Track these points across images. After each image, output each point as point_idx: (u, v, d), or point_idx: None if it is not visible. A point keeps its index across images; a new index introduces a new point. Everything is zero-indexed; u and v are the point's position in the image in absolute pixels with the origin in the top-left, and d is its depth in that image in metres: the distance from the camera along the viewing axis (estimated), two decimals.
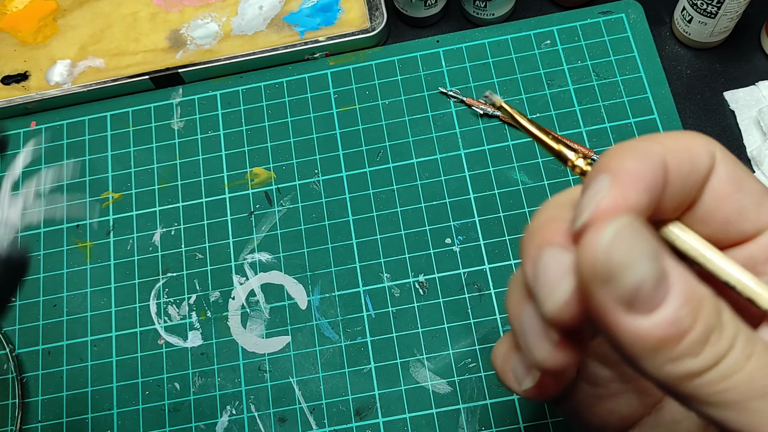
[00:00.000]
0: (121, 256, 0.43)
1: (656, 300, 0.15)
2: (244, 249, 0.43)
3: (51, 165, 0.46)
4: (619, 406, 0.22)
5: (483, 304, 0.40)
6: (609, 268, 0.15)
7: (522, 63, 0.45)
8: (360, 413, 0.38)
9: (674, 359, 0.16)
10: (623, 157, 0.17)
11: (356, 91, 0.46)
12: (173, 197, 0.44)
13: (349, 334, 0.40)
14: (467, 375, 0.39)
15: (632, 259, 0.15)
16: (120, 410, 0.40)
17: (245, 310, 0.41)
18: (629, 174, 0.17)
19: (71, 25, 0.49)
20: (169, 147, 0.46)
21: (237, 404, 0.39)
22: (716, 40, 0.44)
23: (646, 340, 0.15)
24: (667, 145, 0.18)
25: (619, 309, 0.15)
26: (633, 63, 0.44)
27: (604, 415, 0.23)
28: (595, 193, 0.17)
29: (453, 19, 0.48)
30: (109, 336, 0.42)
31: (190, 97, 0.47)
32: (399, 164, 0.44)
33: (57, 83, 0.48)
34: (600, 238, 0.15)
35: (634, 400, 0.22)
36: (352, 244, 0.42)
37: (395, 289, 0.41)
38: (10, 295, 0.27)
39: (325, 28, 0.47)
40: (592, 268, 0.16)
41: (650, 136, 0.18)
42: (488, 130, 0.44)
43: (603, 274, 0.15)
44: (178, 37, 0.48)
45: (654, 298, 0.15)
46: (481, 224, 0.42)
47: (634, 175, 0.17)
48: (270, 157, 0.45)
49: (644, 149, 0.18)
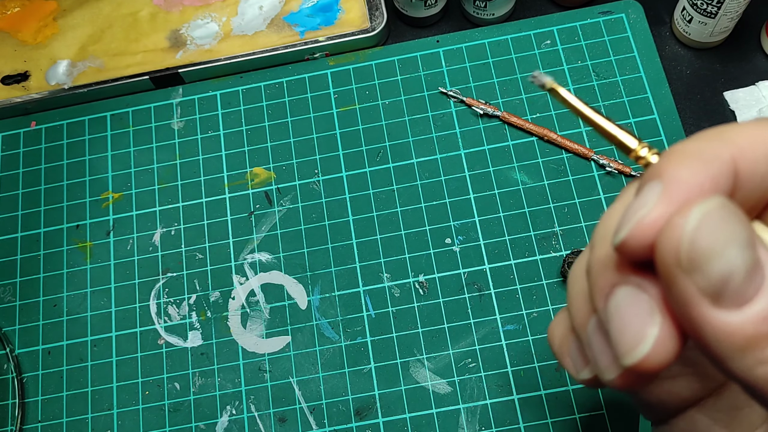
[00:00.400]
0: (121, 256, 0.43)
1: (748, 293, 0.14)
2: (244, 249, 0.43)
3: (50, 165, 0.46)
4: (678, 388, 0.21)
5: (483, 304, 0.40)
6: (695, 255, 0.14)
7: (522, 63, 0.45)
8: (360, 413, 0.38)
9: (765, 361, 0.14)
10: (680, 165, 0.15)
11: (356, 91, 0.46)
12: (173, 197, 0.44)
13: (349, 334, 0.40)
14: (467, 375, 0.39)
15: (721, 245, 0.14)
16: (120, 410, 0.40)
17: (245, 310, 0.41)
18: (682, 187, 0.15)
19: (71, 25, 0.49)
20: (169, 147, 0.46)
21: (237, 404, 0.39)
22: (716, 40, 0.44)
23: (735, 338, 0.14)
24: (738, 144, 0.16)
25: (705, 302, 0.14)
26: (633, 63, 0.44)
27: (662, 396, 0.22)
28: (641, 206, 0.15)
29: (453, 19, 0.48)
30: (109, 336, 0.42)
31: (190, 97, 0.47)
32: (399, 164, 0.44)
33: (57, 83, 0.48)
34: (686, 222, 0.14)
35: (694, 383, 0.21)
36: (352, 244, 0.42)
37: (395, 289, 0.41)
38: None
39: (325, 28, 0.47)
40: (674, 256, 0.14)
41: (719, 131, 0.16)
42: (488, 130, 0.44)
43: (688, 262, 0.14)
44: (178, 37, 0.48)
45: (746, 291, 0.14)
46: (481, 224, 0.42)
47: (688, 188, 0.15)
48: (270, 157, 0.45)
49: (709, 153, 0.15)
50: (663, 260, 0.14)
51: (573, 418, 0.37)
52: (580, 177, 0.42)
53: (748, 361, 0.14)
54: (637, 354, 0.16)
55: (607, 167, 0.42)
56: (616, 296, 0.16)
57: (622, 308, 0.16)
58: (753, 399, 0.15)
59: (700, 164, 0.15)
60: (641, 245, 0.15)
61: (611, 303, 0.16)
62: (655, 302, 0.16)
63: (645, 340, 0.15)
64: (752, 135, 0.16)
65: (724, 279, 0.14)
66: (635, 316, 0.16)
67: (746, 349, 0.14)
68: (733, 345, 0.14)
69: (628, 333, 0.16)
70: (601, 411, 0.37)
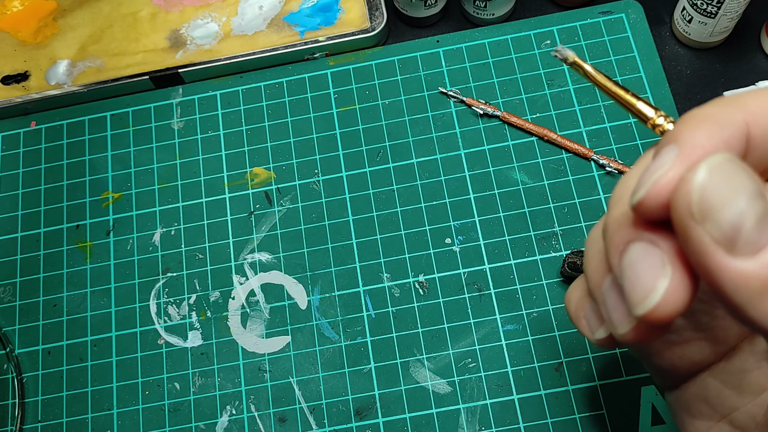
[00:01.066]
0: (121, 256, 0.43)
1: (761, 241, 0.14)
2: (244, 249, 0.43)
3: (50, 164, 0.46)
4: (690, 353, 0.22)
5: (483, 304, 0.40)
6: (705, 205, 0.15)
7: (522, 63, 0.45)
8: (360, 413, 0.38)
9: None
10: (695, 128, 0.16)
11: (356, 91, 0.46)
12: (173, 197, 0.44)
13: (349, 334, 0.40)
14: (467, 375, 0.39)
15: (729, 195, 0.14)
16: (120, 410, 0.40)
17: (245, 310, 0.41)
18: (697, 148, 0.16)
19: (71, 25, 0.49)
20: (169, 147, 0.46)
21: (237, 404, 0.39)
22: (716, 40, 0.44)
23: (751, 284, 0.14)
24: (752, 109, 0.17)
25: (720, 251, 0.15)
26: (633, 63, 0.44)
27: (674, 360, 0.23)
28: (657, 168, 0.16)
29: (453, 19, 0.48)
30: (109, 336, 0.42)
31: (190, 97, 0.47)
32: (399, 164, 0.44)
33: (57, 83, 0.48)
34: (694, 175, 0.15)
35: (705, 348, 0.22)
36: (352, 244, 0.42)
37: (395, 289, 0.41)
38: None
39: (325, 28, 0.47)
40: (686, 207, 0.15)
41: (735, 97, 0.17)
42: (488, 130, 0.44)
43: (699, 212, 0.15)
44: (178, 37, 0.48)
45: (759, 239, 0.14)
46: (481, 224, 0.42)
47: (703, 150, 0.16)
48: (270, 157, 0.45)
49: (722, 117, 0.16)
50: (677, 213, 0.15)
51: (573, 418, 0.37)
52: (580, 177, 0.42)
53: (766, 306, 0.15)
54: (648, 304, 0.16)
55: (607, 167, 0.42)
56: (630, 252, 0.17)
57: (636, 262, 0.17)
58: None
59: (714, 127, 0.16)
60: (657, 204, 0.16)
61: (625, 258, 0.17)
62: (667, 256, 0.16)
63: (656, 290, 0.16)
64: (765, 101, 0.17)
65: (735, 227, 0.14)
66: (648, 268, 0.17)
67: (763, 295, 0.14)
68: (750, 291, 0.15)
69: (640, 284, 0.17)
70: (601, 411, 0.37)
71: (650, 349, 0.23)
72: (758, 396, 0.22)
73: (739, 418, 0.22)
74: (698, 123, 0.16)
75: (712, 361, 0.22)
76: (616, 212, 0.18)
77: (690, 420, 0.23)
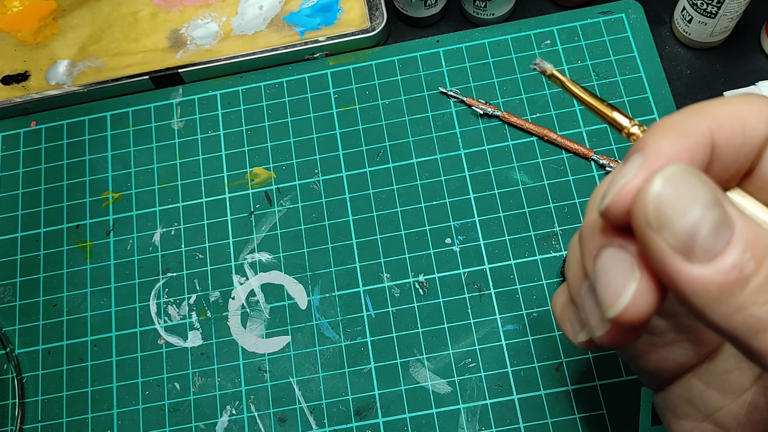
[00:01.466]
0: (121, 256, 0.43)
1: (717, 247, 0.15)
2: (244, 249, 0.43)
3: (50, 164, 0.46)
4: (673, 355, 0.23)
5: (483, 304, 0.40)
6: (660, 214, 0.15)
7: (522, 63, 0.45)
8: (360, 413, 0.38)
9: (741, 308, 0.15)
10: (661, 137, 0.17)
11: (356, 91, 0.46)
12: (173, 197, 0.44)
13: (349, 334, 0.40)
14: (467, 375, 0.39)
15: (684, 204, 0.15)
16: (120, 410, 0.40)
17: (245, 310, 0.41)
18: (661, 157, 0.16)
19: (71, 25, 0.49)
20: (169, 147, 0.46)
21: (237, 404, 0.39)
22: (716, 40, 0.44)
23: (709, 289, 0.15)
24: (716, 118, 0.17)
25: (678, 258, 0.15)
26: (633, 63, 0.44)
27: (659, 362, 0.23)
28: (623, 176, 0.17)
29: (453, 19, 0.48)
30: (109, 336, 0.42)
31: (190, 97, 0.47)
32: (399, 164, 0.44)
33: (57, 83, 0.48)
34: (650, 186, 0.15)
35: (689, 350, 0.23)
36: (352, 244, 0.42)
37: (395, 289, 0.41)
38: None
39: (325, 28, 0.47)
40: (644, 217, 0.15)
41: (700, 106, 0.17)
42: (488, 130, 0.44)
43: (655, 221, 0.15)
44: (178, 37, 0.48)
45: (714, 246, 0.15)
46: (481, 224, 0.42)
47: (666, 159, 0.16)
48: (270, 157, 0.45)
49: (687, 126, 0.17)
50: (636, 222, 0.16)
51: (573, 418, 0.37)
52: (580, 177, 0.42)
53: (724, 309, 0.15)
54: (618, 306, 0.17)
55: (607, 167, 0.42)
56: (602, 257, 0.18)
57: (607, 266, 0.17)
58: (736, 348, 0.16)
59: (679, 136, 0.17)
60: (621, 211, 0.16)
61: (598, 263, 0.18)
62: (636, 261, 0.17)
63: (625, 293, 0.17)
64: (729, 110, 0.17)
65: (690, 235, 0.15)
66: (618, 272, 0.17)
67: (721, 299, 0.15)
68: (708, 295, 0.15)
69: (610, 288, 0.17)
70: (601, 411, 0.37)
71: (635, 352, 0.24)
72: (740, 396, 0.22)
73: (722, 417, 0.22)
74: (663, 132, 0.17)
75: (695, 362, 0.23)
76: (589, 219, 0.19)
77: (675, 420, 0.24)
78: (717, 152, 0.17)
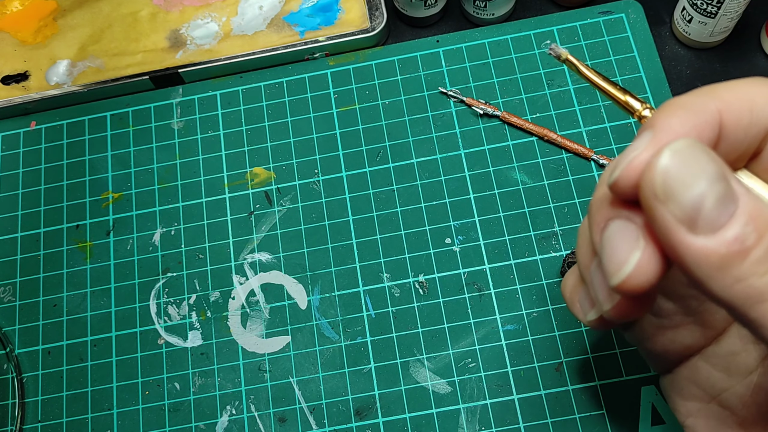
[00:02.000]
0: (121, 256, 0.43)
1: (721, 220, 0.15)
2: (244, 249, 0.43)
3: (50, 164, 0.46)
4: (680, 337, 0.23)
5: (483, 304, 0.40)
6: (667, 186, 0.15)
7: (522, 63, 0.45)
8: (360, 413, 0.38)
9: (741, 279, 0.15)
10: (671, 115, 0.17)
11: (356, 91, 0.46)
12: (173, 197, 0.44)
13: (349, 334, 0.40)
14: (467, 375, 0.39)
15: (690, 177, 0.15)
16: (120, 410, 0.40)
17: (245, 310, 0.41)
18: (669, 133, 0.17)
19: (71, 25, 0.49)
20: (169, 147, 0.46)
21: (237, 404, 0.39)
22: (716, 40, 0.44)
23: (711, 259, 0.15)
24: (725, 99, 0.18)
25: (682, 229, 0.16)
26: (633, 63, 0.44)
27: (666, 344, 0.24)
28: (632, 151, 0.17)
29: (453, 19, 0.48)
30: (109, 336, 0.42)
31: (190, 97, 0.47)
32: (399, 164, 0.44)
33: (57, 83, 0.48)
34: (659, 159, 0.16)
35: (695, 332, 0.23)
36: (352, 244, 0.42)
37: (395, 289, 0.41)
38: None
39: (325, 28, 0.47)
40: (651, 188, 0.16)
41: (710, 87, 0.18)
42: (488, 130, 0.44)
43: (662, 192, 0.16)
44: (178, 37, 0.48)
45: (719, 218, 0.15)
46: (481, 224, 0.42)
47: (674, 135, 0.17)
48: (270, 157, 0.45)
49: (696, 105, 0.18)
50: (643, 193, 0.16)
51: (573, 418, 0.37)
52: (580, 177, 0.42)
53: (725, 280, 0.16)
54: (621, 274, 0.17)
55: None
56: (609, 228, 0.18)
57: (613, 237, 0.18)
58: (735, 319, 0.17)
59: (688, 114, 0.17)
60: (630, 184, 0.17)
61: (605, 234, 0.18)
62: (642, 231, 0.17)
63: (629, 261, 0.17)
64: (739, 91, 0.18)
65: (695, 207, 0.15)
66: (623, 242, 0.18)
67: (722, 269, 0.15)
68: (710, 266, 0.16)
69: (615, 257, 0.18)
70: (601, 411, 0.37)
71: (643, 334, 0.24)
72: (745, 377, 0.22)
73: (728, 399, 0.23)
74: (673, 110, 0.17)
75: (702, 345, 0.23)
76: (598, 193, 0.20)
77: (682, 402, 0.24)
78: (725, 132, 0.18)
